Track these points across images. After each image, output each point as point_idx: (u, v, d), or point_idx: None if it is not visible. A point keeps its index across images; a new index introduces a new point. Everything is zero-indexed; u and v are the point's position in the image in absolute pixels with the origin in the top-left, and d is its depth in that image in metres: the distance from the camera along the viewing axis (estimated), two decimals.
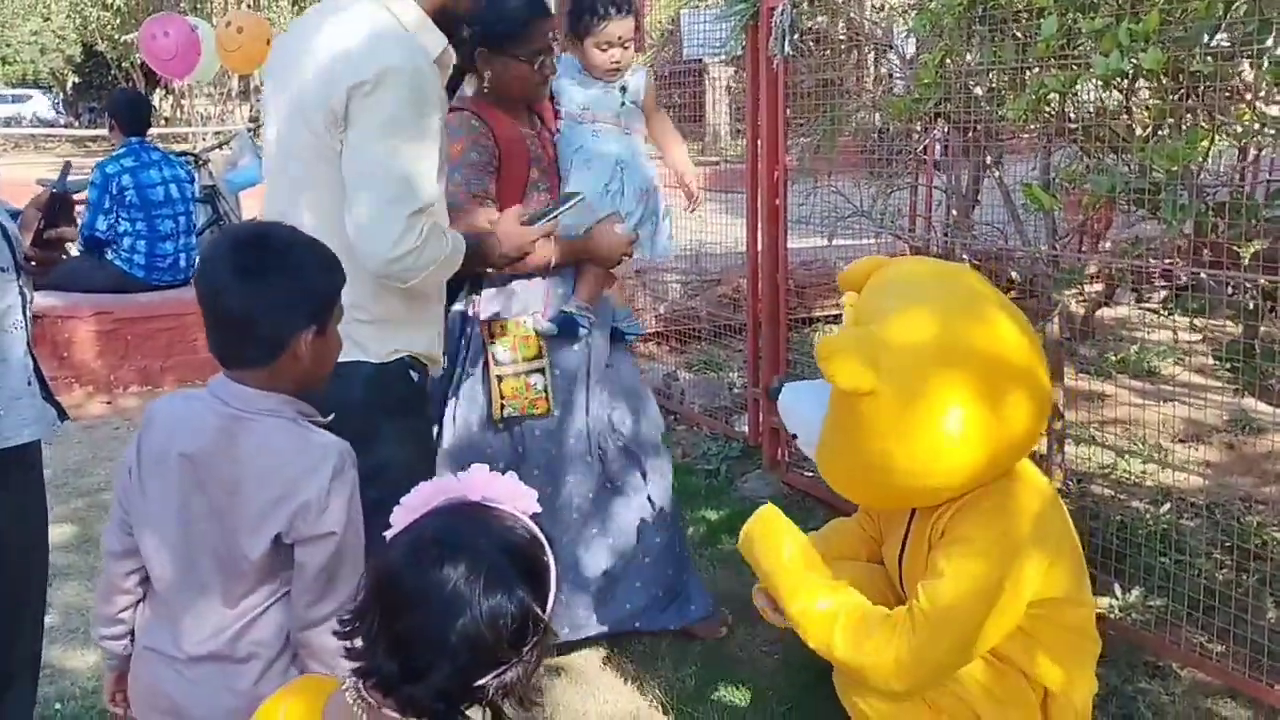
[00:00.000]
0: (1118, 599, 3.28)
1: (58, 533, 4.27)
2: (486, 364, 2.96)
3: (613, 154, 3.04)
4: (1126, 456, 4.41)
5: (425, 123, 2.24)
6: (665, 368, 5.90)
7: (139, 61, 26.61)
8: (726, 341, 6.17)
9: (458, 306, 3.00)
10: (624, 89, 3.06)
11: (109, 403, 5.87)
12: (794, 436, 2.54)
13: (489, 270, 2.75)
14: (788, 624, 2.47)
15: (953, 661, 2.23)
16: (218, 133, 8.30)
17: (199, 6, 24.16)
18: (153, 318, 6.06)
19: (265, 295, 1.71)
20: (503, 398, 2.96)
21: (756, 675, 3.12)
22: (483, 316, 2.97)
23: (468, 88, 2.94)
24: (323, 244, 1.82)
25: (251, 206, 7.68)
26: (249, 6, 23.12)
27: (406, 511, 1.39)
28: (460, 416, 3.02)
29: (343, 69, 2.19)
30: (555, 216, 2.69)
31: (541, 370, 2.95)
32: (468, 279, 2.93)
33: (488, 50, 2.84)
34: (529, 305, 2.97)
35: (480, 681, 1.29)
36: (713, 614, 3.30)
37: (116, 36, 25.18)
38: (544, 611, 1.33)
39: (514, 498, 1.41)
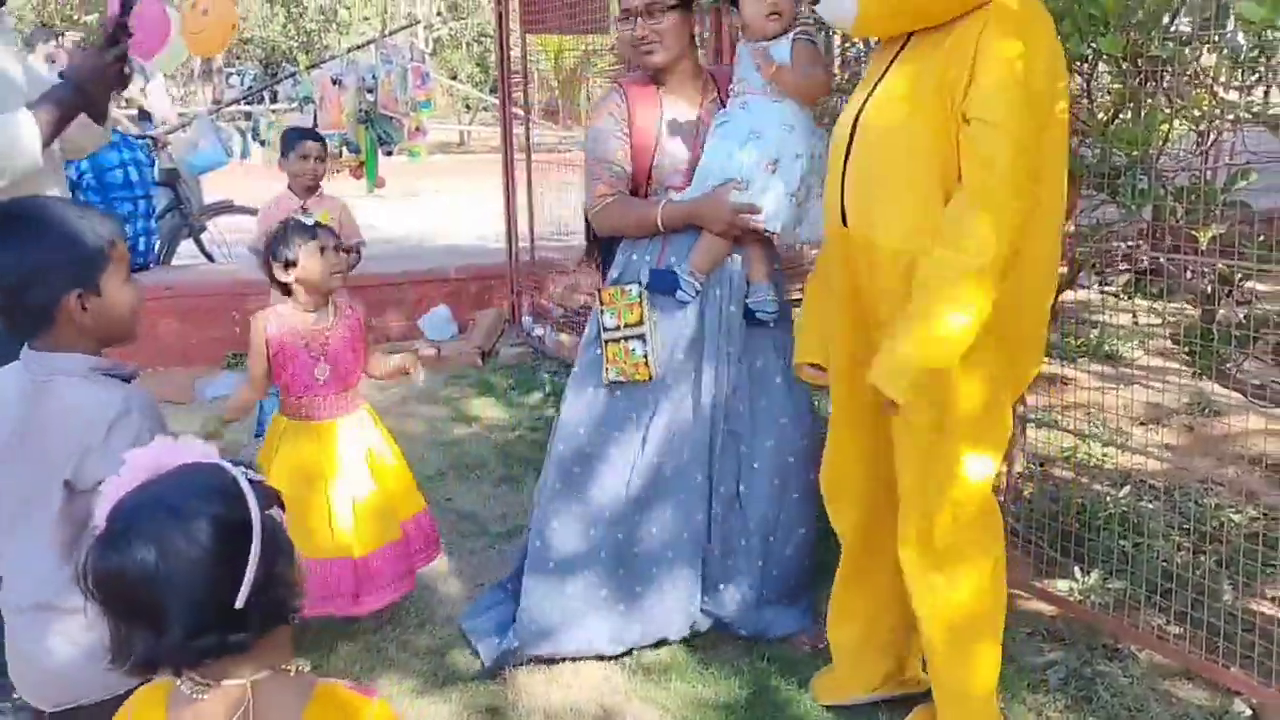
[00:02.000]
0: (1077, 581, 3.30)
1: None
2: (598, 329, 3.04)
3: (745, 121, 2.92)
4: (1087, 440, 4.43)
5: None
6: None
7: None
8: None
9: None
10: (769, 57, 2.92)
11: None
12: None
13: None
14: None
15: (1031, 183, 2.27)
16: (181, 114, 8.21)
17: None
18: None
19: (20, 266, 1.83)
20: (608, 362, 3.00)
21: (720, 661, 3.11)
22: (604, 285, 3.06)
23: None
24: (81, 208, 1.95)
25: (213, 189, 7.62)
26: None
27: (98, 526, 1.40)
28: (579, 378, 3.09)
29: None
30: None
31: (642, 337, 2.95)
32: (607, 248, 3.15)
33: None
34: (641, 272, 3.01)
35: (239, 604, 1.31)
36: (802, 629, 3.20)
37: (76, 17, 24.79)
38: (250, 517, 1.35)
39: (178, 458, 1.43)
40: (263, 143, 6.96)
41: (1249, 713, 2.74)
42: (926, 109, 2.32)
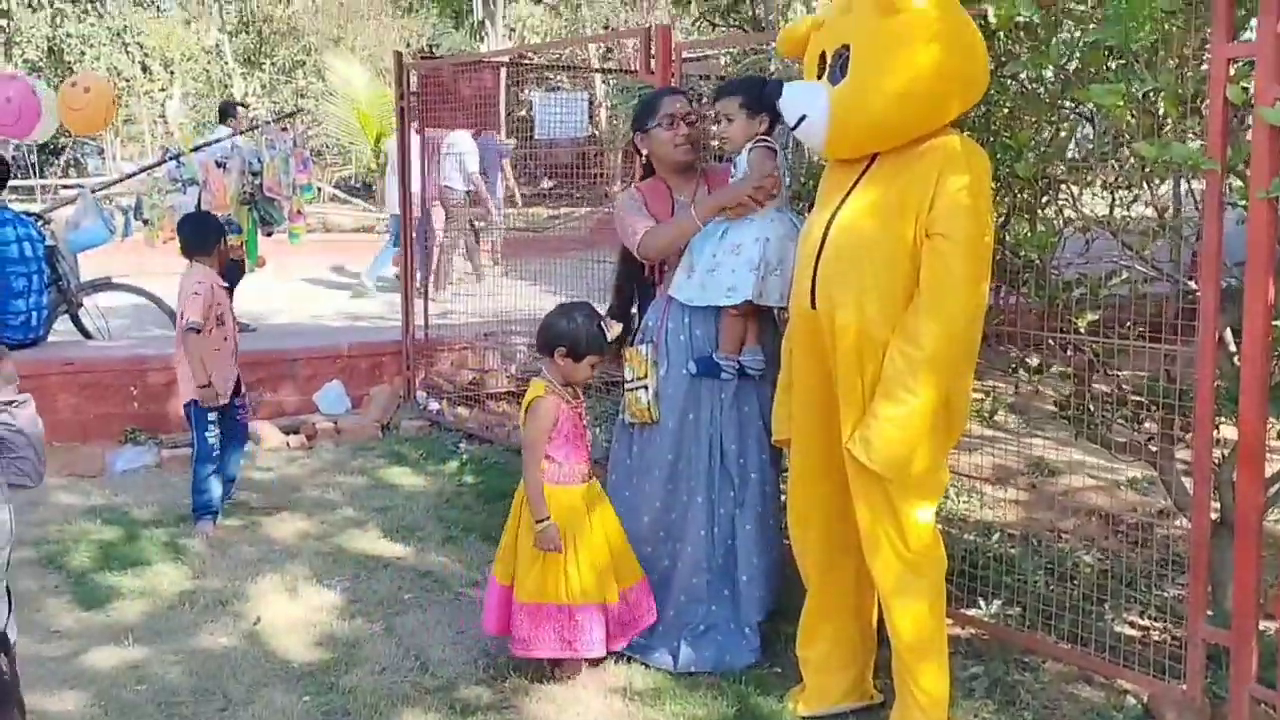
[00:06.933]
0: (982, 609, 3.92)
1: None
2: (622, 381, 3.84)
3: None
4: (953, 495, 5.15)
5: None
6: None
7: None
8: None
9: None
10: (734, 165, 3.68)
11: None
12: (800, 120, 3.08)
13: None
14: None
15: (981, 282, 2.99)
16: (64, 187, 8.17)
17: None
18: None
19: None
20: (624, 409, 3.79)
21: (704, 685, 3.55)
22: (627, 346, 3.87)
23: None
24: None
25: (92, 267, 7.61)
26: None
27: None
28: (620, 421, 3.88)
29: None
30: None
31: (646, 387, 3.69)
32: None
33: (641, 132, 3.83)
34: (647, 335, 3.80)
35: None
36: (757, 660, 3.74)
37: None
38: None
39: None
40: (145, 221, 7.07)
41: (1139, 704, 3.40)
42: (891, 226, 2.97)
